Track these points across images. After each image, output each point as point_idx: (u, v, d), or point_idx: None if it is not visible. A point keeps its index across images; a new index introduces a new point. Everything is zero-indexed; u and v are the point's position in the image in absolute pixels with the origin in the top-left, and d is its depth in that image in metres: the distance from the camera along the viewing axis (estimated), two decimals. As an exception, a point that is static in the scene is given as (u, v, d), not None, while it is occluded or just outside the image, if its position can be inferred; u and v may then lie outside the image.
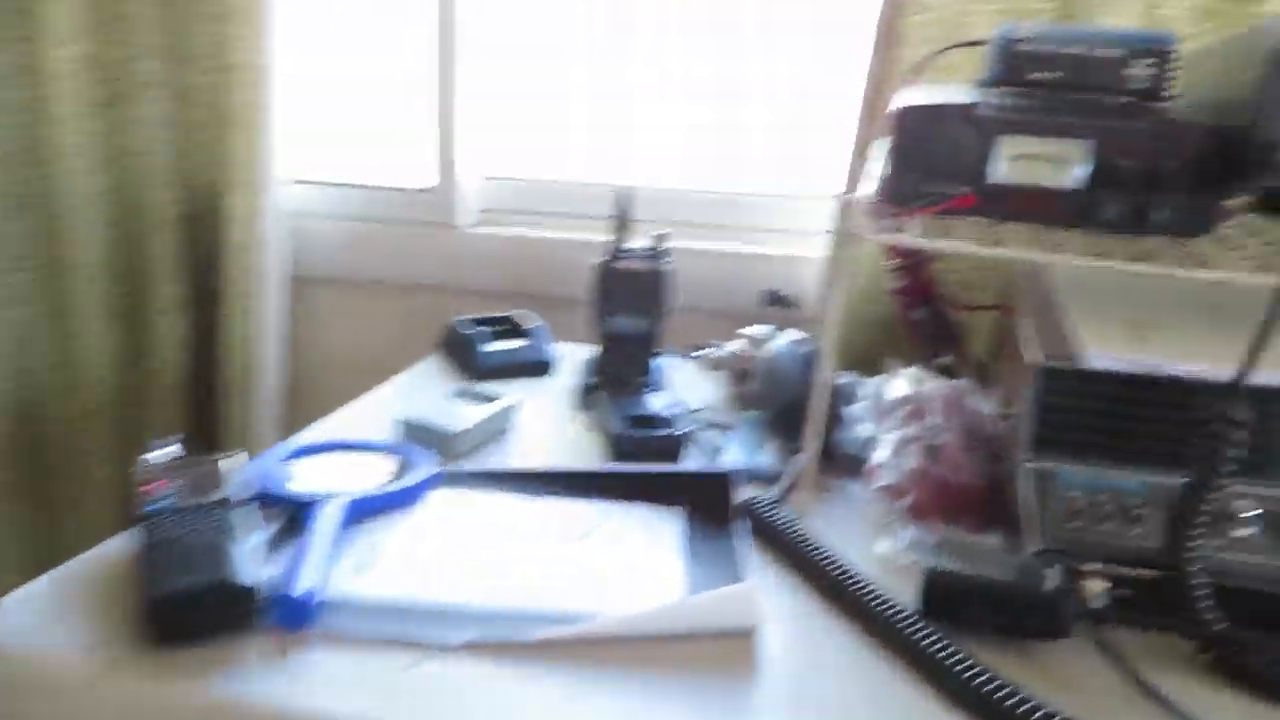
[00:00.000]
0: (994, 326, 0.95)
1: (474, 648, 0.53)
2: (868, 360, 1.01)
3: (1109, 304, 0.71)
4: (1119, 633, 0.56)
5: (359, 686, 0.50)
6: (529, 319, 1.06)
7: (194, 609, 0.53)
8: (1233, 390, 0.54)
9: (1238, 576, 0.56)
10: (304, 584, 0.55)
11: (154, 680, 0.50)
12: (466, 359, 0.99)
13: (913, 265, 0.90)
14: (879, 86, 0.98)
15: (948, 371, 0.88)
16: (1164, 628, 0.56)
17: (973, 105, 0.62)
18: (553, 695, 0.50)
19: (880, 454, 0.72)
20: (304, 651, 0.52)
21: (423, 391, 0.94)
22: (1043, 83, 0.65)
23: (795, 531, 0.64)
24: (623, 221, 0.90)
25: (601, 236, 0.92)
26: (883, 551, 0.65)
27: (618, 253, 0.90)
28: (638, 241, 0.90)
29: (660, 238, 0.91)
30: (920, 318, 0.90)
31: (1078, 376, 0.61)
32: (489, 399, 0.86)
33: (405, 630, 0.54)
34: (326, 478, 0.71)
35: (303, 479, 0.70)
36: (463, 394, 0.87)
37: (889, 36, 0.96)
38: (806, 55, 1.16)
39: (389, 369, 1.01)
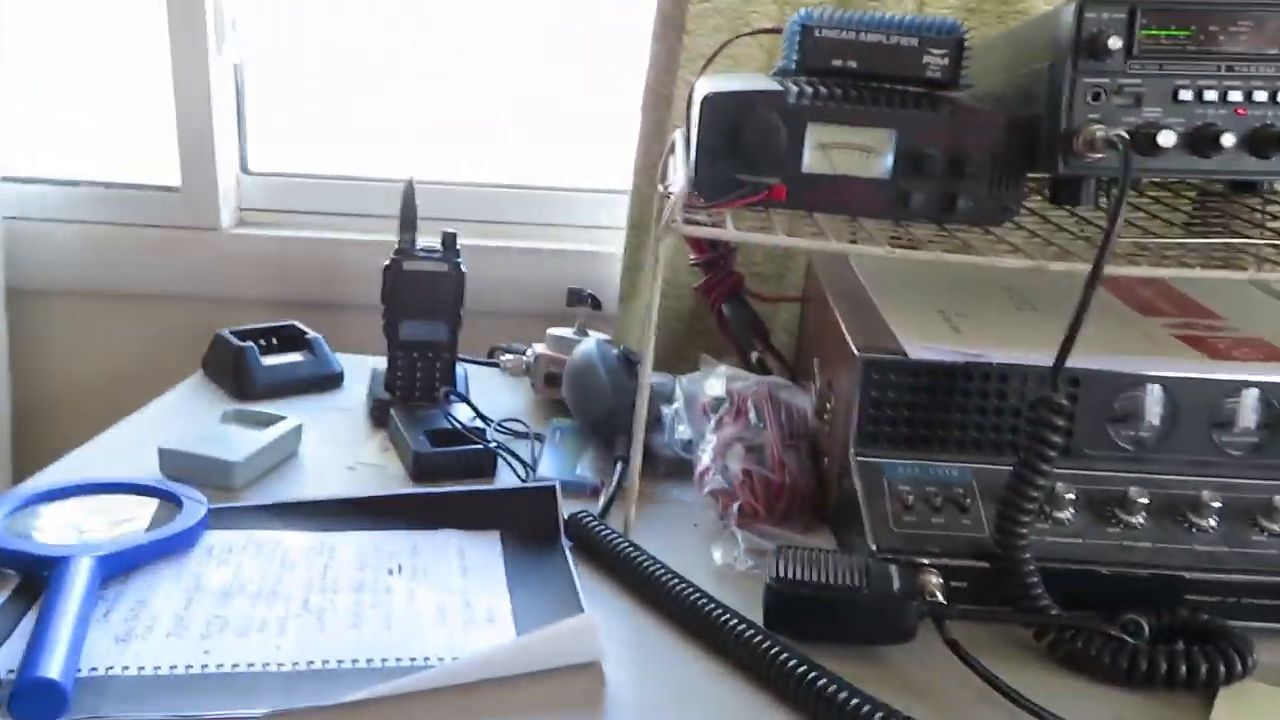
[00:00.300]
0: (796, 318, 0.95)
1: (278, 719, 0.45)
2: (674, 358, 0.99)
3: (916, 294, 0.71)
4: (960, 627, 0.56)
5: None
6: (306, 329, 0.96)
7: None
8: (1053, 376, 0.54)
9: (1062, 559, 0.57)
10: (51, 664, 0.45)
11: None
12: (238, 377, 0.88)
13: (717, 259, 0.88)
14: (660, 75, 0.96)
15: (760, 366, 0.87)
16: (1001, 618, 0.56)
17: (780, 93, 0.60)
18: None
19: (704, 458, 0.69)
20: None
21: (186, 417, 0.83)
22: (844, 71, 0.64)
23: (626, 548, 0.60)
24: (409, 219, 0.83)
25: (384, 236, 0.84)
26: (720, 562, 0.62)
27: (406, 253, 0.82)
28: (427, 241, 0.83)
29: (450, 236, 0.84)
30: (729, 313, 0.89)
31: (900, 368, 0.61)
32: (268, 421, 0.76)
33: (188, 706, 0.45)
34: (72, 528, 0.60)
35: (42, 531, 0.59)
36: (236, 417, 0.77)
37: (669, 23, 0.95)
38: (592, 45, 1.12)
39: (143, 392, 0.88)
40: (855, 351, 0.62)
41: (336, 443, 0.80)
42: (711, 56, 0.82)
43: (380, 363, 0.86)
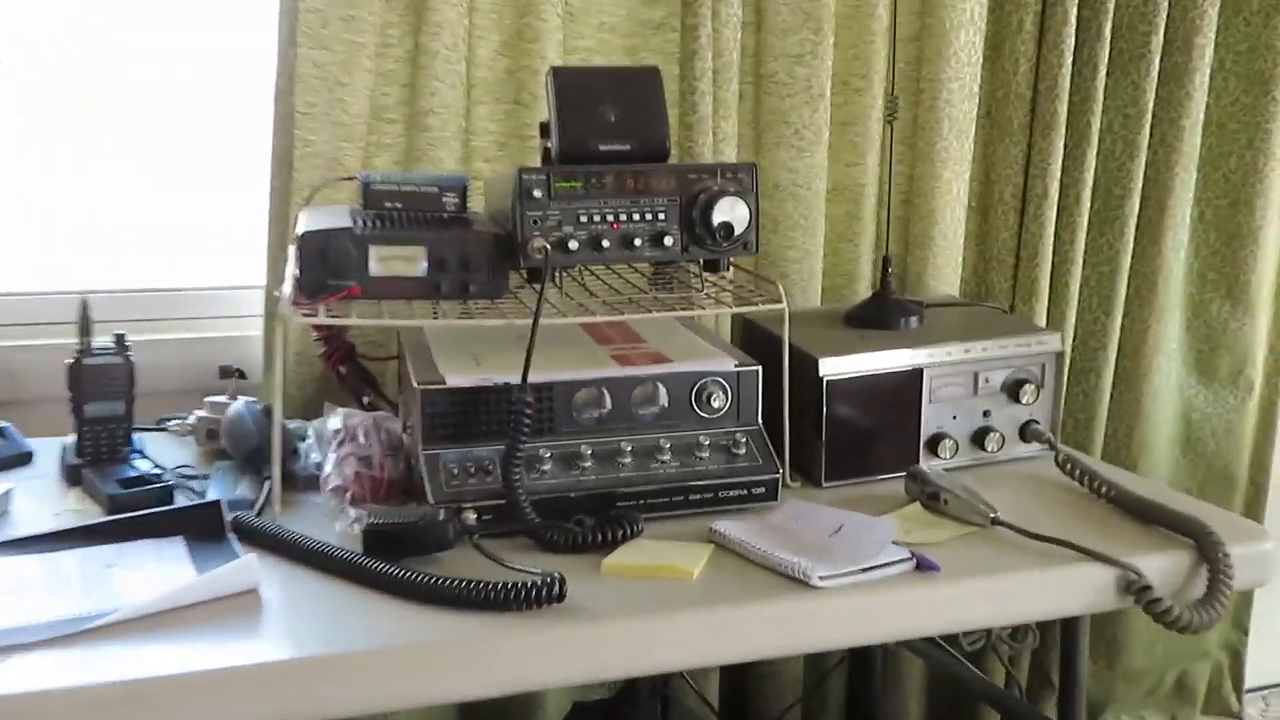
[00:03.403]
0: (396, 371, 1.31)
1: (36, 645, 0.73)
2: (312, 408, 1.31)
3: (460, 344, 1.10)
4: (488, 541, 0.93)
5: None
6: (-7, 421, 1.17)
7: None
8: (522, 386, 0.94)
9: (546, 493, 0.96)
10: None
11: None
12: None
13: (332, 335, 1.22)
14: (278, 204, 1.29)
15: (371, 406, 1.22)
16: (512, 533, 0.95)
17: (348, 229, 0.97)
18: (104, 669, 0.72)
19: (328, 469, 1.03)
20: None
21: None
22: (393, 209, 1.01)
23: (275, 528, 0.92)
24: (85, 327, 1.09)
25: (55, 340, 1.09)
26: (339, 529, 0.96)
27: (85, 352, 1.08)
28: (101, 340, 1.10)
29: (120, 336, 1.11)
30: (345, 372, 1.22)
31: (444, 392, 0.98)
32: (-19, 490, 0.99)
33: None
34: None
35: None
36: (-49, 491, 0.99)
37: (282, 161, 1.28)
38: (227, 166, 1.43)
39: None
40: (415, 384, 0.98)
41: (40, 500, 1.04)
42: (309, 196, 1.16)
43: (68, 440, 1.10)
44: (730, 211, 1.00)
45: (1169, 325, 1.71)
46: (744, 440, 1.04)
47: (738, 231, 1.01)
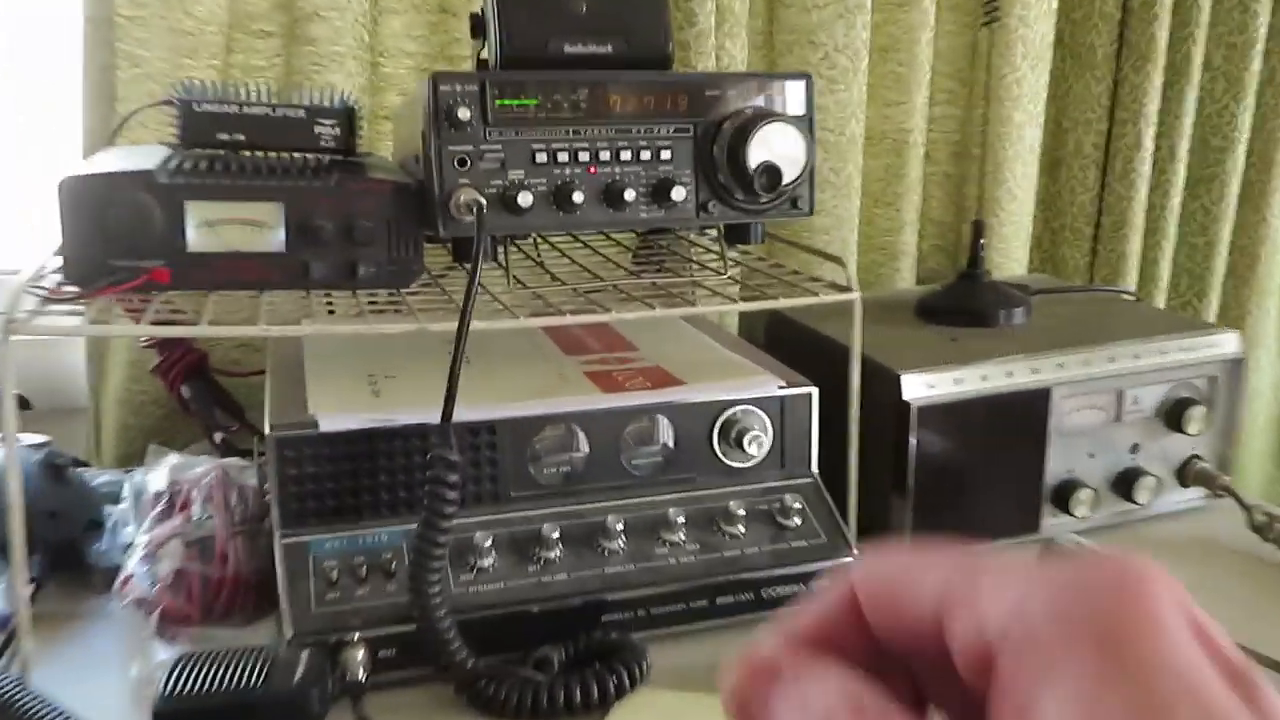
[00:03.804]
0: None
1: None
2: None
3: (352, 361, 0.71)
4: (387, 696, 0.56)
5: None
6: None
7: None
8: (442, 432, 0.56)
9: (488, 606, 0.59)
10: None
11: None
12: None
13: (168, 340, 0.82)
14: (95, 145, 0.89)
15: (226, 448, 0.83)
16: (426, 679, 0.57)
17: (147, 172, 0.57)
18: None
19: (131, 562, 0.64)
20: None
21: None
22: (230, 144, 0.62)
23: (11, 692, 0.53)
24: None
25: None
26: (136, 677, 0.57)
27: None
28: None
29: None
30: (189, 394, 0.83)
31: (313, 441, 0.60)
32: None
33: None
34: None
35: None
36: None
37: (98, 90, 0.88)
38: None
39: None
40: (269, 430, 0.60)
41: None
42: (116, 129, 0.77)
43: None
44: (776, 146, 0.63)
45: (1271, 311, 1.37)
46: (796, 503, 0.67)
47: (787, 178, 0.63)
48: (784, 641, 0.22)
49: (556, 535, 0.62)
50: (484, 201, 0.58)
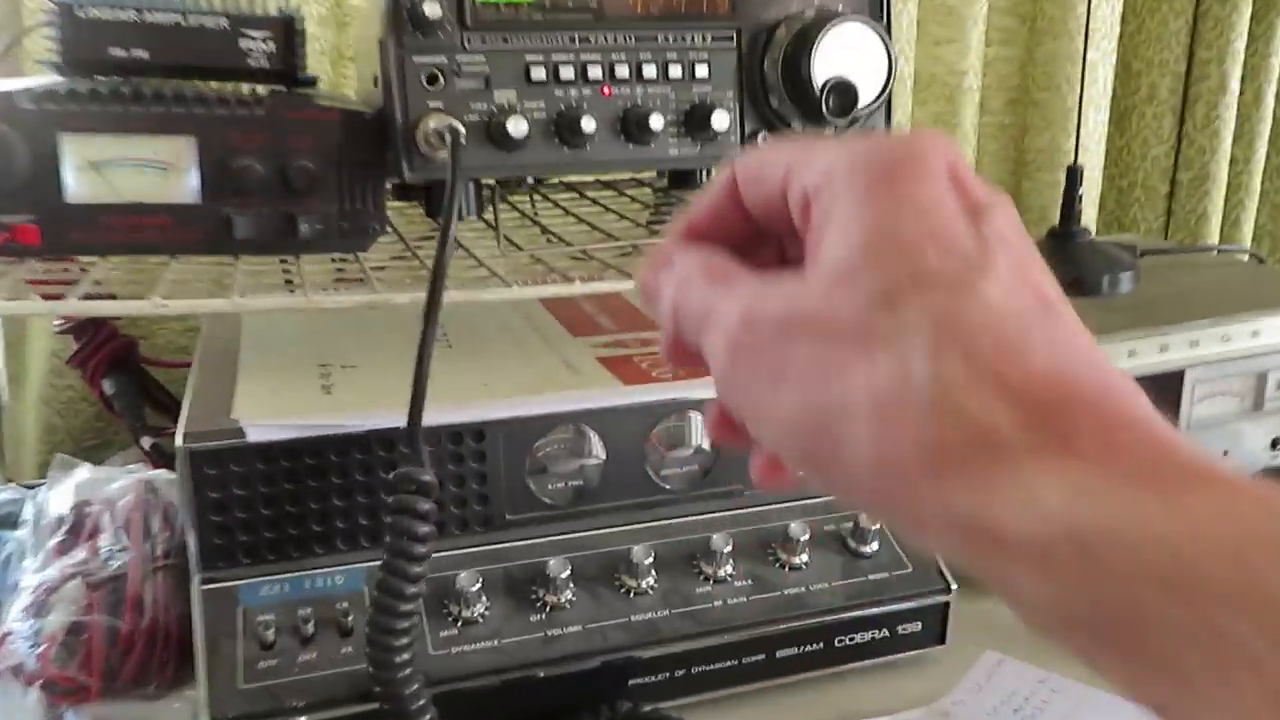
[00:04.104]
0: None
1: None
2: (90, 451, 0.77)
3: (301, 346, 0.56)
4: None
5: None
6: None
7: None
8: (410, 441, 0.41)
9: (479, 674, 0.44)
10: None
11: None
12: None
13: (87, 322, 0.67)
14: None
15: (157, 454, 0.68)
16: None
17: (3, 96, 0.42)
18: None
19: (12, 613, 0.49)
20: None
21: None
22: (127, 64, 0.47)
23: None
24: None
25: None
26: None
27: None
28: None
29: None
30: (112, 390, 0.68)
31: (241, 454, 0.45)
32: None
33: None
34: None
35: None
36: None
37: None
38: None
39: None
40: (180, 441, 0.45)
41: None
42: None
43: None
44: (848, 56, 0.48)
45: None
46: (874, 523, 0.52)
47: (864, 99, 0.48)
48: (676, 233, 0.28)
49: (566, 573, 0.47)
50: (461, 129, 0.43)
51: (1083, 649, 0.20)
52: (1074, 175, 0.69)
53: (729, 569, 0.49)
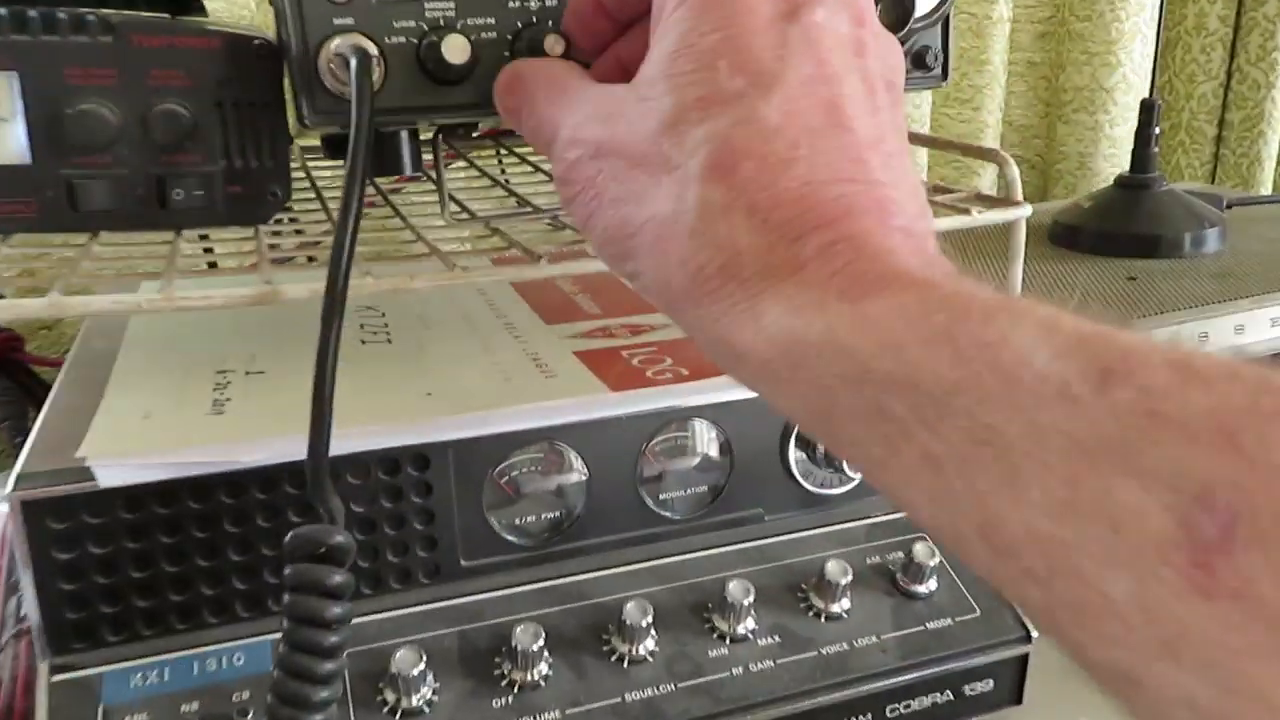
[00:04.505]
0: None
1: None
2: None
3: (198, 346, 0.44)
4: None
5: None
6: None
7: None
8: (312, 484, 0.29)
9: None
10: None
11: None
12: None
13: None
14: None
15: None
16: None
17: None
18: None
19: None
20: None
21: None
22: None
23: None
24: None
25: None
26: None
27: None
28: None
29: None
30: (-11, 397, 0.56)
31: (85, 503, 0.33)
32: None
33: None
34: None
35: None
36: None
37: None
38: None
39: None
40: (9, 488, 0.33)
41: None
42: None
43: None
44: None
45: None
46: (931, 555, 0.41)
47: (920, 10, 0.36)
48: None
49: (540, 643, 0.36)
50: (371, 49, 0.31)
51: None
52: (1150, 111, 0.57)
53: (750, 624, 0.38)
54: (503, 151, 0.60)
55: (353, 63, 0.30)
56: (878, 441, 0.19)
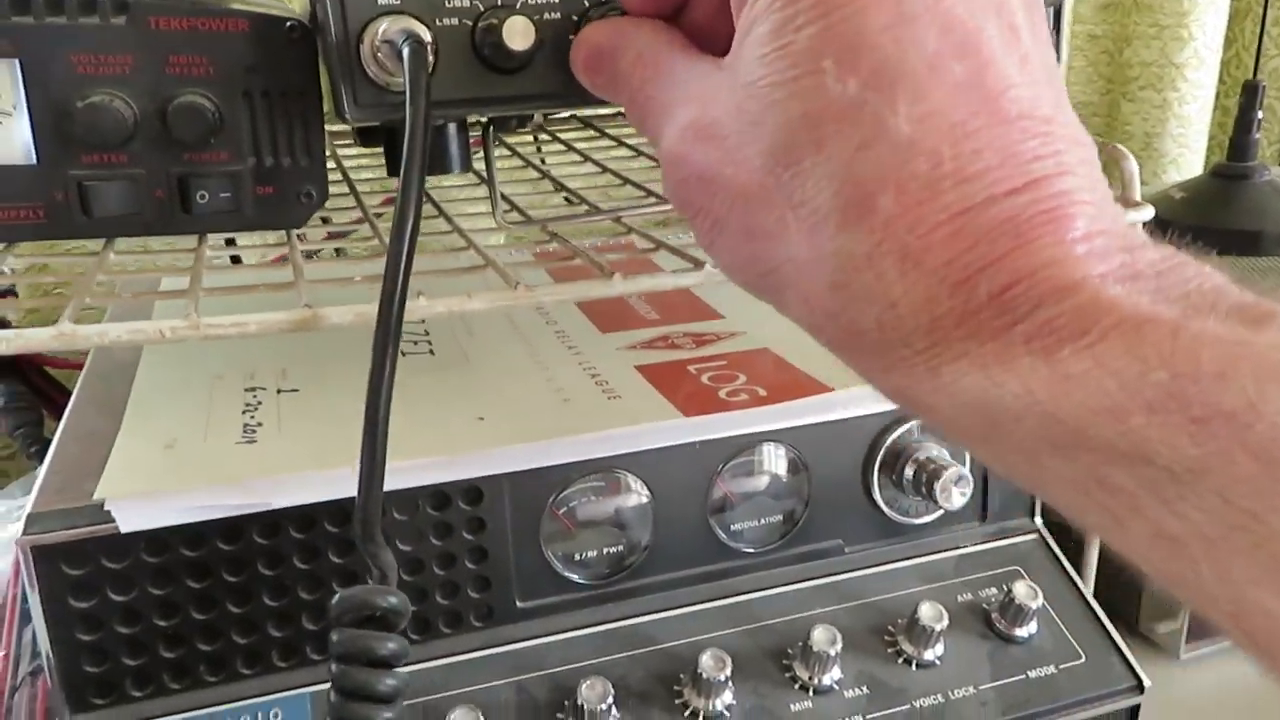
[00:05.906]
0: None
1: None
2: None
3: (227, 360, 0.40)
4: None
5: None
6: None
7: None
8: (361, 524, 0.26)
9: None
10: None
11: None
12: None
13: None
14: None
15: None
16: None
17: None
18: None
19: None
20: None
21: None
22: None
23: None
24: None
25: None
26: None
27: None
28: None
29: None
30: (1, 401, 0.53)
31: (111, 549, 0.30)
32: None
33: None
34: None
35: None
36: None
37: None
38: None
39: None
40: (21, 533, 0.30)
41: None
42: None
43: None
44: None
45: None
46: (1032, 595, 0.37)
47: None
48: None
49: (609, 701, 0.32)
50: (426, 36, 0.27)
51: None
52: (1254, 92, 0.52)
53: (835, 673, 0.35)
54: (543, 137, 0.55)
55: (405, 51, 0.26)
56: (1095, 511, 0.17)
